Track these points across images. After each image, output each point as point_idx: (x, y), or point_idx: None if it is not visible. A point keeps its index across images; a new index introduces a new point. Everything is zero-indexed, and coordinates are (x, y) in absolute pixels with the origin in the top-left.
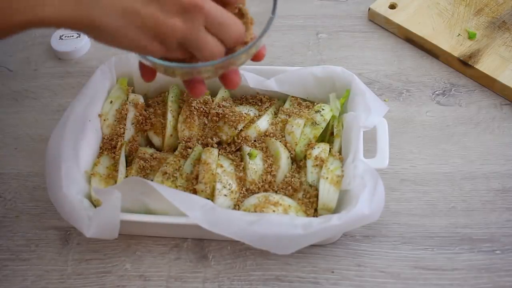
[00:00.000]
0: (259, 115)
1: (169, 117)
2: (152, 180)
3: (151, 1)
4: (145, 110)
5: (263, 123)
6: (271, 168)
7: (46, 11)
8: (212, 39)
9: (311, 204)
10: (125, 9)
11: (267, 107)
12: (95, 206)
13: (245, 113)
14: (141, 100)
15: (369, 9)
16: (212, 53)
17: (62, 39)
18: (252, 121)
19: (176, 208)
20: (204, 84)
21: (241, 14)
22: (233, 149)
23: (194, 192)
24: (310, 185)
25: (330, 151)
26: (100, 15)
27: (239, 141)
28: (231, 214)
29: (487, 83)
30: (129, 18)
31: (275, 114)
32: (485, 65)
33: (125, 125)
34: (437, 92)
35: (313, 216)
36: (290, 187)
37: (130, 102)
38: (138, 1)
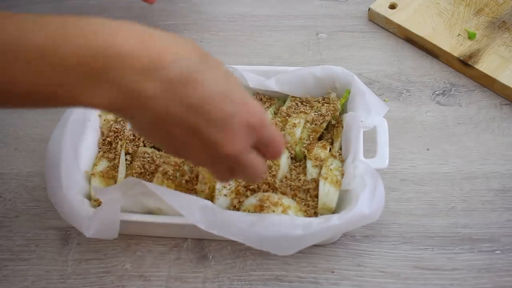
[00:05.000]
0: None
1: None
2: (152, 181)
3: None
4: None
5: None
6: (271, 168)
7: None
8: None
9: (311, 204)
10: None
11: (267, 107)
12: (95, 206)
13: None
14: None
15: (369, 9)
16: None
17: None
18: None
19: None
20: None
21: None
22: None
23: (194, 192)
24: (310, 185)
25: (330, 151)
26: None
27: None
28: (230, 216)
29: (487, 83)
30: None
31: (275, 114)
32: (485, 65)
33: (125, 125)
34: (437, 92)
35: (313, 216)
36: (290, 187)
37: None
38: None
